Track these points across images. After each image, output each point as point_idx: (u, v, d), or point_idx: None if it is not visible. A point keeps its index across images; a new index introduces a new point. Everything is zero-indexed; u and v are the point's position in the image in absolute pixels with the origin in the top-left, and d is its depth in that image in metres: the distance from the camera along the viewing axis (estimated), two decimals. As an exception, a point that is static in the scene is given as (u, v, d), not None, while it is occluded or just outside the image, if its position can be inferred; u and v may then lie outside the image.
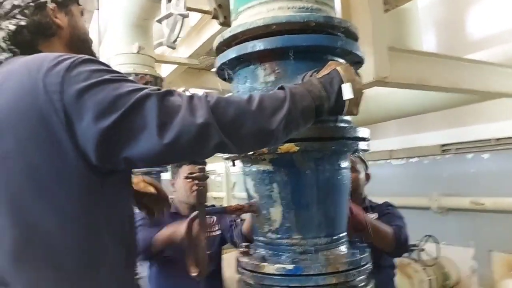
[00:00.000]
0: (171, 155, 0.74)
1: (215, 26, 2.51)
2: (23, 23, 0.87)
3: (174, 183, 2.02)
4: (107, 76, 0.73)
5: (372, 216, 1.85)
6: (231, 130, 0.75)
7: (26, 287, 0.75)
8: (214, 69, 1.14)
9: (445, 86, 1.99)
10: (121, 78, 0.75)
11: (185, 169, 1.91)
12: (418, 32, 2.51)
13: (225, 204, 2.17)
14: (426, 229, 3.36)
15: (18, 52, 0.87)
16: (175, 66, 3.27)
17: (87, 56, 0.77)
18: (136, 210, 1.03)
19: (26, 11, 0.88)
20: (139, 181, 1.13)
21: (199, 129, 0.70)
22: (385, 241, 1.62)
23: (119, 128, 0.70)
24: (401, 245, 1.67)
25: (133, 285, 0.94)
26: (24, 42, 0.87)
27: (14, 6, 0.87)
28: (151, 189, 1.03)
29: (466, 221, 3.54)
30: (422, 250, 3.32)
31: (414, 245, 3.37)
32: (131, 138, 0.70)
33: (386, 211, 1.88)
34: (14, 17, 0.87)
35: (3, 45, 0.85)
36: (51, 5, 0.91)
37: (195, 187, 1.80)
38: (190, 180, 1.68)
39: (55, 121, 0.71)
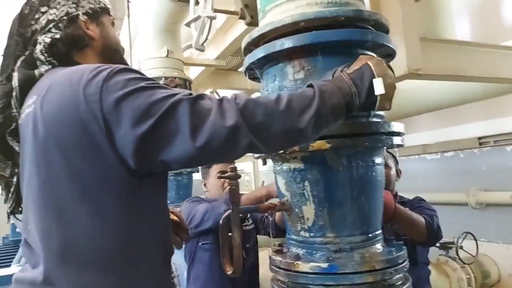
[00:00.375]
0: (203, 157, 0.78)
1: (241, 26, 2.53)
2: (57, 36, 0.92)
3: (206, 183, 2.06)
4: (142, 84, 0.77)
5: None
6: (260, 131, 0.76)
7: (71, 287, 0.79)
8: (241, 69, 1.15)
9: (482, 76, 1.90)
10: (155, 85, 0.79)
11: (215, 168, 1.93)
12: (451, 20, 2.41)
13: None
14: (463, 226, 3.23)
15: (57, 64, 0.91)
16: (203, 68, 3.32)
17: (122, 66, 0.82)
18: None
19: (60, 24, 0.93)
20: None
21: (229, 132, 0.73)
22: (417, 230, 1.57)
23: (154, 134, 0.73)
24: (434, 234, 1.63)
25: (169, 283, 0.96)
26: (60, 54, 0.92)
27: (49, 21, 0.92)
28: (174, 217, 1.07)
29: (506, 216, 3.37)
30: (460, 247, 3.20)
31: (451, 243, 3.26)
32: (166, 143, 0.74)
33: (417, 205, 1.84)
34: (49, 31, 0.92)
35: (42, 57, 0.90)
36: (82, 18, 0.96)
37: (226, 184, 1.84)
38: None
39: (96, 129, 0.75)
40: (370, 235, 1.06)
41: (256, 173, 6.46)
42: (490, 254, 3.42)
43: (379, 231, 1.11)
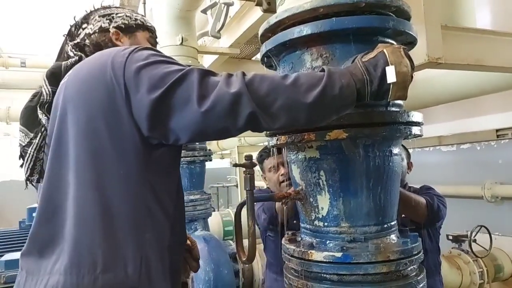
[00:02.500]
0: (207, 124, 0.79)
1: (255, 14, 2.49)
2: (87, 42, 1.09)
3: (265, 176, 2.08)
4: (162, 58, 0.85)
5: None
6: (264, 103, 0.78)
7: (78, 238, 0.83)
8: (254, 58, 1.15)
9: (503, 66, 1.84)
10: (173, 61, 0.86)
11: (267, 163, 1.98)
12: (472, 8, 2.33)
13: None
14: (478, 219, 3.19)
15: (84, 57, 1.03)
16: (216, 56, 3.30)
17: (149, 46, 0.93)
18: None
19: (92, 36, 1.09)
20: None
21: (232, 98, 0.77)
22: (416, 209, 1.58)
23: (167, 99, 0.79)
24: (434, 213, 1.64)
25: (175, 267, 0.96)
26: (89, 53, 1.05)
27: (86, 35, 1.10)
28: (188, 243, 1.09)
29: (523, 211, 3.31)
30: (474, 241, 3.16)
31: (465, 236, 3.22)
32: (176, 109, 0.79)
33: (425, 192, 1.85)
34: (84, 41, 1.09)
35: (71, 54, 1.07)
36: (112, 30, 1.10)
37: (281, 178, 1.89)
38: (274, 171, 1.92)
39: (118, 93, 0.83)
40: (385, 226, 1.06)
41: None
42: (504, 248, 3.37)
43: (394, 222, 1.10)
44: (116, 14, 1.12)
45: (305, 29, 0.95)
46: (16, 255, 2.88)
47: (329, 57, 0.98)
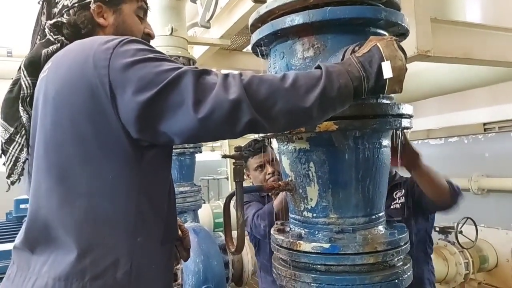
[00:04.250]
0: (204, 131, 0.75)
1: (246, 5, 2.47)
2: (64, 20, 0.95)
3: (249, 174, 2.04)
4: (151, 55, 0.77)
5: (400, 194, 1.80)
6: (263, 108, 0.75)
7: (68, 245, 0.81)
8: (245, 49, 1.13)
9: (491, 60, 1.86)
10: (163, 58, 0.79)
11: (253, 162, 1.93)
12: (462, 2, 2.34)
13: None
14: (464, 211, 3.24)
15: (67, 42, 0.93)
16: (207, 47, 3.27)
17: (134, 38, 0.83)
18: None
19: (71, 11, 0.95)
20: None
21: (231, 105, 0.72)
22: (439, 187, 1.50)
23: (157, 103, 0.73)
24: (457, 194, 1.55)
25: (167, 264, 0.95)
26: (68, 36, 0.94)
27: (64, 6, 0.96)
28: (179, 232, 1.07)
29: (507, 203, 3.39)
30: (460, 232, 3.23)
31: (451, 227, 3.28)
32: (168, 113, 0.74)
33: (414, 180, 1.75)
34: (62, 15, 0.95)
35: (51, 38, 0.94)
36: (93, 6, 0.96)
37: (268, 177, 1.86)
38: (260, 170, 1.87)
39: (102, 94, 0.76)
40: (373, 217, 1.07)
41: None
42: (489, 239, 3.45)
43: (382, 213, 1.11)
44: None
45: (296, 18, 0.94)
46: (3, 246, 2.85)
47: (321, 47, 0.98)
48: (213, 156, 8.55)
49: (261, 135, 1.11)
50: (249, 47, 3.72)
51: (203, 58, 3.49)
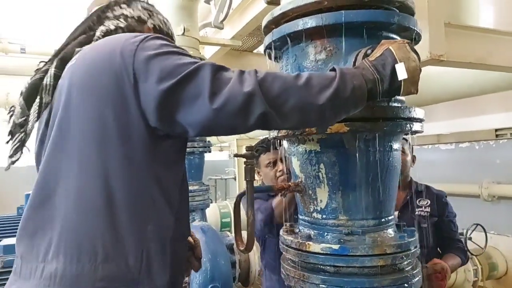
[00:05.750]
0: (218, 122, 0.78)
1: (258, 6, 2.49)
2: (121, 25, 1.02)
3: (259, 171, 2.04)
4: (173, 49, 0.84)
5: (424, 203, 1.99)
6: (276, 103, 0.77)
7: (78, 226, 0.81)
8: (256, 50, 1.15)
9: (505, 65, 1.84)
10: (185, 53, 0.85)
11: (264, 158, 1.94)
12: (476, 6, 2.32)
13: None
14: (474, 218, 3.21)
15: None
16: (217, 48, 3.29)
17: (159, 35, 0.89)
18: None
19: (128, 19, 1.04)
20: None
21: (245, 97, 0.76)
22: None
23: (176, 92, 0.78)
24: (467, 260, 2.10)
25: (175, 255, 0.93)
26: None
27: (122, 14, 1.04)
28: (191, 241, 1.08)
29: (519, 210, 3.33)
30: (469, 239, 3.19)
31: (460, 234, 3.25)
32: (186, 103, 0.78)
33: (443, 201, 2.02)
34: (117, 19, 1.02)
35: (96, 38, 0.99)
36: (150, 25, 1.07)
37: (278, 174, 1.86)
38: (271, 167, 1.88)
39: (126, 81, 0.81)
40: (382, 220, 1.07)
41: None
42: (499, 247, 3.40)
43: (392, 216, 1.11)
44: (156, 14, 1.10)
45: (309, 22, 0.95)
46: (14, 240, 2.90)
47: (333, 50, 0.98)
48: (221, 156, 8.57)
49: (272, 135, 1.12)
50: (259, 48, 3.73)
51: (214, 58, 3.51)
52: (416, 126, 1.01)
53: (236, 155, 1.03)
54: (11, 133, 0.92)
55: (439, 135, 3.98)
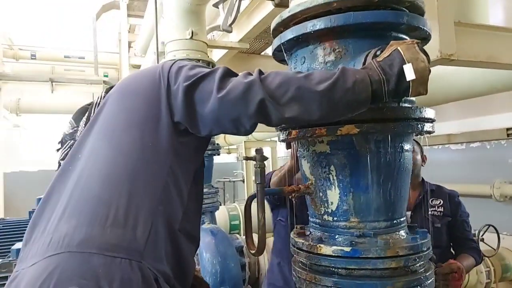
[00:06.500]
0: (223, 110, 0.90)
1: (266, 9, 2.48)
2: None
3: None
4: (199, 65, 1.03)
5: (437, 203, 1.99)
6: (275, 93, 0.85)
7: (101, 192, 0.88)
8: (263, 53, 1.18)
9: (517, 64, 1.81)
10: (207, 67, 1.02)
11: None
12: (485, 5, 2.30)
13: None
14: (486, 218, 3.16)
15: None
16: (225, 51, 3.30)
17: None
18: None
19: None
20: None
21: (245, 86, 0.87)
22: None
23: (195, 88, 0.94)
24: (481, 261, 2.13)
25: (180, 253, 0.96)
26: None
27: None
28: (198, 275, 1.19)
29: (532, 211, 3.28)
30: (481, 240, 3.14)
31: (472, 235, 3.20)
32: (203, 97, 0.93)
33: (456, 201, 2.02)
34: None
35: None
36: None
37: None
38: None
39: (162, 84, 0.98)
40: (394, 222, 1.06)
41: (274, 159, 6.47)
42: (512, 248, 3.34)
43: (404, 218, 1.10)
44: None
45: (318, 24, 0.95)
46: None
47: (342, 51, 0.98)
48: (229, 158, 8.59)
49: (282, 137, 1.12)
50: (267, 50, 3.72)
51: (221, 61, 3.51)
52: (427, 127, 1.01)
53: (246, 158, 1.04)
54: (61, 142, 1.11)
55: (449, 135, 3.93)
